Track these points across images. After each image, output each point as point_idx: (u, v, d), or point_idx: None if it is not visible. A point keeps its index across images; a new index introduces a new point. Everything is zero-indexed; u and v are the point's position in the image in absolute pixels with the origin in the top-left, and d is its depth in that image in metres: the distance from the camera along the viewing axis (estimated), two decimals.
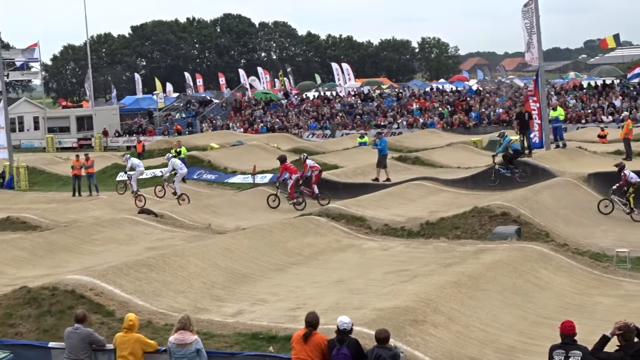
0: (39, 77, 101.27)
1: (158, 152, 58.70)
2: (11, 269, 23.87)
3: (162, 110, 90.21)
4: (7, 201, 44.97)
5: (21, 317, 17.98)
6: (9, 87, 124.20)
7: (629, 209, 29.58)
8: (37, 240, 26.84)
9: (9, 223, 32.87)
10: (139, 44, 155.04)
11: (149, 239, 28.20)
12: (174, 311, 18.03)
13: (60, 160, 59.90)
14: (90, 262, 23.94)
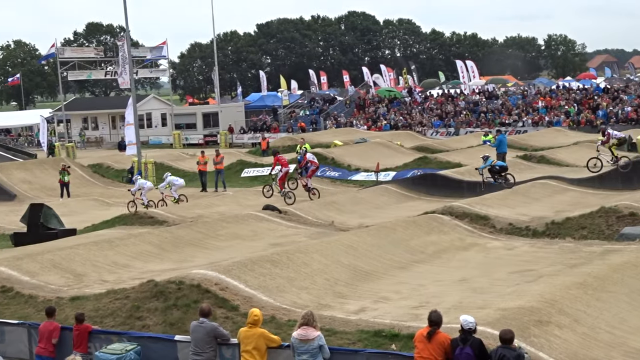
0: (167, 75, 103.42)
1: (282, 149, 59.20)
2: (139, 262, 24.40)
3: (286, 107, 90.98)
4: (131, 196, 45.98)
5: (148, 310, 18.36)
6: (138, 84, 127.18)
7: (613, 160, 34.61)
8: (164, 235, 27.37)
9: (137, 218, 33.63)
10: (264, 42, 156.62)
11: (273, 235, 28.45)
12: (297, 307, 18.14)
13: (186, 156, 60.93)
14: (215, 257, 24.29)
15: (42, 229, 31.01)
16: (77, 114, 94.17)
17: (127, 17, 52.74)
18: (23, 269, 22.20)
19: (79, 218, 36.61)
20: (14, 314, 19.29)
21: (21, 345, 17.45)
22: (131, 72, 57.78)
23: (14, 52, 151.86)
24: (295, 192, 36.85)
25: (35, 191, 48.26)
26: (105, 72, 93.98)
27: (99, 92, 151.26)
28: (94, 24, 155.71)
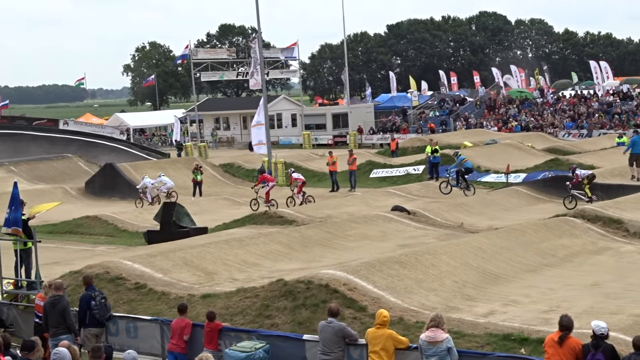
0: (297, 76, 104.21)
1: (412, 150, 59.08)
2: (268, 261, 24.67)
3: (416, 108, 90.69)
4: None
5: (277, 309, 18.55)
6: (269, 85, 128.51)
7: (587, 198, 34.37)
8: (293, 235, 27.61)
9: (267, 217, 33.98)
10: (395, 43, 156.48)
11: (401, 236, 28.41)
12: (426, 309, 18.06)
13: (315, 156, 61.30)
14: (343, 258, 24.39)
15: (174, 227, 31.69)
16: (209, 114, 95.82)
17: (259, 18, 53.43)
18: (156, 266, 22.71)
19: (210, 217, 37.23)
20: (147, 310, 19.75)
21: (154, 341, 17.84)
22: (262, 73, 58.53)
23: (149, 53, 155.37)
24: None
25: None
26: (237, 73, 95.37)
27: (231, 93, 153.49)
28: (227, 26, 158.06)
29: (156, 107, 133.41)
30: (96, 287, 18.34)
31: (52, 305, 16.92)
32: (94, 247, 33.08)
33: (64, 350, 11.88)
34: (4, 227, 20.41)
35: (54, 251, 30.54)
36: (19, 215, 20.22)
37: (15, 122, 75.69)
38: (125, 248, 31.46)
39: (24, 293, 20.38)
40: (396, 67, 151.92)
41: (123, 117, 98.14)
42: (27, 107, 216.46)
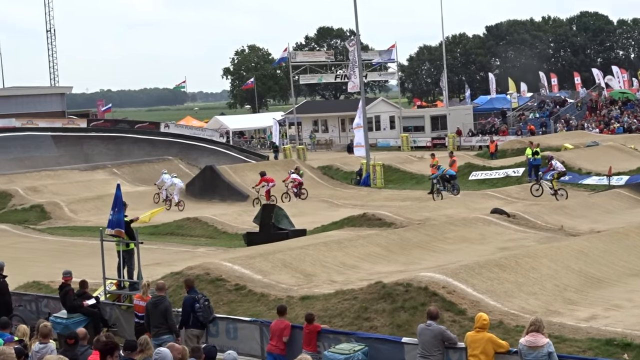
0: (396, 78, 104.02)
1: (511, 152, 58.47)
2: (367, 263, 24.67)
3: (515, 110, 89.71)
4: (364, 198, 46.57)
5: (376, 312, 18.53)
6: (367, 87, 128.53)
7: (553, 191, 38.01)
8: (391, 237, 27.57)
9: (365, 219, 34.00)
10: (493, 44, 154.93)
11: (500, 239, 28.15)
12: (526, 312, 17.86)
13: (414, 159, 61.14)
14: (442, 260, 24.27)
15: (273, 229, 31.88)
16: (307, 116, 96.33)
17: (358, 21, 53.53)
18: (255, 268, 22.90)
19: (309, 219, 37.38)
20: (247, 311, 19.93)
21: (253, 342, 18.00)
22: (361, 76, 58.59)
23: (248, 56, 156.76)
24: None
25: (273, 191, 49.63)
26: (335, 75, 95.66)
27: (329, 95, 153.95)
28: (325, 28, 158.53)
29: (255, 109, 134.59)
30: (198, 290, 18.59)
31: (154, 306, 17.20)
32: (195, 248, 33.51)
33: (165, 351, 12.06)
34: (107, 228, 20.80)
35: (156, 252, 31.04)
36: (122, 216, 20.59)
37: (118, 125, 77.27)
38: (225, 250, 31.78)
39: (126, 293, 20.76)
40: (495, 69, 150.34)
41: (223, 119, 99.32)
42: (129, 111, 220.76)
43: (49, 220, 44.21)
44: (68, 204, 46.71)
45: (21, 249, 35.37)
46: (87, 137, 71.37)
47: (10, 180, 53.13)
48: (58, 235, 39.44)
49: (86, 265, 26.39)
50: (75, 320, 19.23)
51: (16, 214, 45.85)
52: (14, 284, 23.04)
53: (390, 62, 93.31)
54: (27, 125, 71.79)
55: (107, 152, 69.05)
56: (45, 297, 22.00)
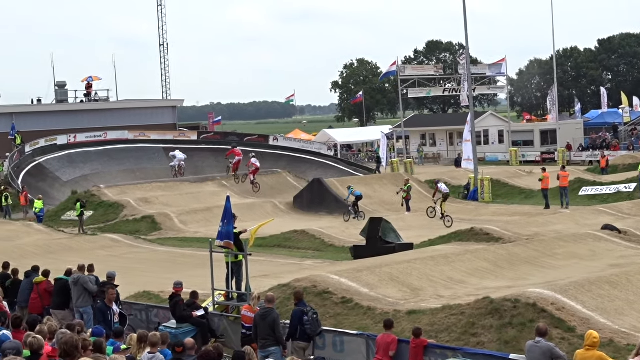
0: (505, 92, 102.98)
1: (622, 168, 57.35)
2: (474, 279, 24.44)
3: (627, 124, 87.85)
4: (471, 212, 46.23)
5: (483, 327, 18.35)
6: (475, 101, 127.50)
7: (441, 215, 40.27)
8: (499, 252, 27.27)
9: (473, 234, 33.75)
10: (605, 58, 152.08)
11: (611, 255, 27.57)
12: (637, 331, 17.46)
13: (523, 173, 60.43)
14: (551, 277, 23.88)
15: (380, 242, 31.86)
16: (415, 130, 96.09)
17: (467, 34, 53.23)
18: (362, 281, 22.89)
19: (416, 233, 37.26)
20: (353, 325, 19.93)
21: (359, 355, 17.96)
22: (470, 89, 58.22)
23: (357, 70, 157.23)
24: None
25: (375, 205, 49.63)
26: (443, 89, 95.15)
27: (437, 109, 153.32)
28: (434, 42, 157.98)
29: (363, 123, 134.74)
30: (307, 303, 18.67)
31: (262, 318, 17.33)
32: (302, 261, 33.68)
33: None
34: (216, 239, 21.04)
35: (264, 264, 31.29)
36: (231, 228, 20.81)
37: (228, 137, 78.31)
38: (331, 262, 31.88)
39: (235, 305, 20.97)
40: (607, 83, 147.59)
41: (331, 133, 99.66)
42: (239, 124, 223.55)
43: (159, 231, 45.00)
44: (178, 215, 47.48)
45: (132, 259, 36.07)
46: (197, 149, 72.56)
47: (123, 192, 54.26)
48: (168, 246, 40.11)
49: (195, 276, 26.74)
50: (184, 330, 19.50)
51: (128, 224, 46.80)
52: (125, 293, 23.49)
53: (499, 76, 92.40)
54: (139, 137, 73.45)
55: (217, 164, 69.97)
56: (155, 307, 22.36)
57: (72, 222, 48.23)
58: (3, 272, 22.53)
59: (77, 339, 11.65)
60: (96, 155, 70.01)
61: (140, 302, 23.80)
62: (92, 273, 21.59)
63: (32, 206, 50.87)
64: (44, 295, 21.36)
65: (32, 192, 54.77)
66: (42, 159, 66.63)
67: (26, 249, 38.21)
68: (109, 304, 18.98)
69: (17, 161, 63.44)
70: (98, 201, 52.08)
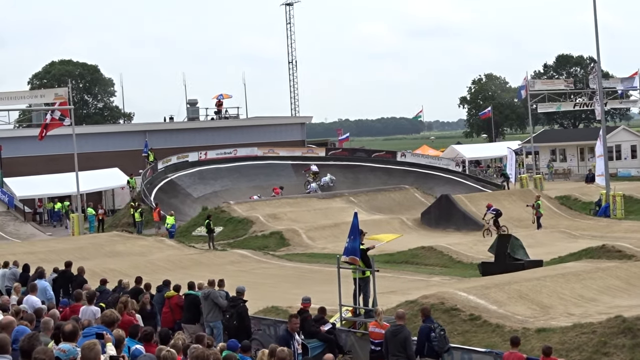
0: (638, 106, 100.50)
1: None
2: (606, 297, 23.92)
3: None
4: (603, 229, 45.30)
5: (615, 347, 17.94)
6: (607, 115, 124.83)
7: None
8: (632, 270, 26.64)
9: (604, 251, 33.07)
10: None
11: None
12: None
13: None
14: None
15: (509, 259, 31.46)
16: (545, 145, 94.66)
17: (599, 47, 52.27)
18: (491, 298, 22.66)
19: (545, 250, 36.69)
20: (481, 342, 19.74)
21: None
22: (601, 104, 57.13)
23: (485, 85, 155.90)
24: None
25: (503, 222, 49.01)
26: (574, 103, 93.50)
27: (568, 124, 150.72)
28: (564, 56, 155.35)
29: (491, 138, 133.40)
30: (434, 319, 18.58)
31: (393, 334, 17.30)
32: (429, 277, 33.52)
33: None
34: (343, 255, 21.13)
35: (390, 280, 31.25)
36: (357, 244, 20.86)
37: (356, 154, 78.72)
38: (459, 279, 31.64)
39: (362, 321, 21.00)
40: None
41: (459, 148, 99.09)
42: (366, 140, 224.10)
43: (287, 247, 45.43)
44: (306, 231, 47.85)
45: (261, 275, 36.49)
46: (325, 165, 73.09)
47: (252, 208, 54.99)
48: (296, 261, 40.44)
49: (323, 291, 26.90)
50: (312, 346, 19.63)
51: (256, 240, 47.39)
52: (254, 308, 23.77)
53: (632, 90, 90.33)
54: (268, 154, 74.42)
55: (345, 180, 70.48)
56: (284, 322, 22.56)
57: (203, 237, 49.12)
58: (136, 287, 23.07)
59: (208, 353, 11.86)
60: (226, 171, 71.26)
61: (269, 317, 24.04)
62: (222, 288, 21.97)
63: (165, 222, 52.05)
64: (175, 309, 21.81)
65: (164, 208, 56.12)
66: (174, 175, 68.18)
67: (158, 264, 39.07)
68: (291, 332, 17.93)
69: (150, 178, 65.02)
70: (228, 217, 52.89)
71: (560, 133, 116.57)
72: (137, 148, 72.46)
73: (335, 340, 20.23)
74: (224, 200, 58.71)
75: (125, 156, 71.67)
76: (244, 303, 20.91)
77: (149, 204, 59.25)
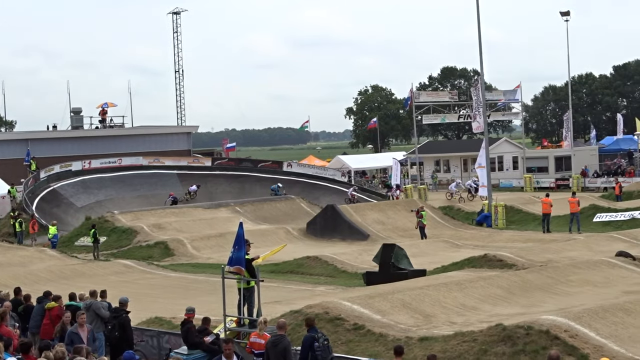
0: (520, 118, 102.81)
1: (637, 194, 57.24)
2: (487, 305, 24.35)
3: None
4: (485, 239, 46.13)
5: (496, 354, 18.27)
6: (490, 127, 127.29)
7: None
8: (513, 279, 27.17)
9: (486, 260, 33.68)
10: (621, 84, 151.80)
11: (625, 282, 27.44)
12: None
13: (537, 200, 60.32)
14: (564, 303, 23.77)
15: (393, 268, 31.79)
16: (429, 156, 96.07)
17: (482, 60, 53.30)
18: (374, 308, 22.83)
19: (428, 259, 37.19)
20: (365, 352, 19.86)
21: None
22: (484, 116, 58.21)
23: (371, 96, 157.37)
24: None
25: (388, 232, 49.62)
26: (458, 115, 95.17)
27: (452, 135, 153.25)
28: (449, 68, 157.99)
29: (377, 149, 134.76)
30: (318, 329, 18.61)
31: (273, 345, 17.26)
32: (314, 287, 33.61)
33: None
34: (227, 265, 21.03)
35: (276, 290, 31.23)
36: (242, 254, 20.76)
37: (242, 164, 78.61)
38: (344, 289, 31.80)
39: (246, 331, 20.92)
40: (622, 109, 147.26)
41: (345, 159, 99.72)
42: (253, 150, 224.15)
43: (172, 257, 45.02)
44: (191, 241, 47.51)
45: (145, 285, 36.06)
46: (211, 175, 72.85)
47: (136, 217, 54.32)
48: (181, 271, 40.07)
49: (207, 302, 26.73)
50: (195, 357, 19.46)
51: (141, 250, 46.84)
52: (137, 319, 23.49)
53: (514, 102, 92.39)
54: (154, 163, 73.68)
55: (230, 190, 70.27)
56: (167, 333, 22.32)
57: (86, 247, 48.33)
58: (15, 298, 22.54)
59: None
60: (110, 181, 70.25)
61: (152, 328, 23.76)
62: (104, 299, 21.62)
63: (46, 232, 51.00)
64: (56, 320, 21.36)
65: (47, 218, 54.96)
66: (57, 185, 66.85)
67: (39, 275, 38.24)
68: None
69: (32, 187, 63.65)
70: (111, 227, 52.13)
71: (444, 144, 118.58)
72: (19, 157, 70.85)
73: (219, 351, 20.09)
74: (107, 210, 57.84)
75: (5, 165, 70.11)
76: (126, 314, 20.63)
77: (30, 213, 57.97)
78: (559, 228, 47.43)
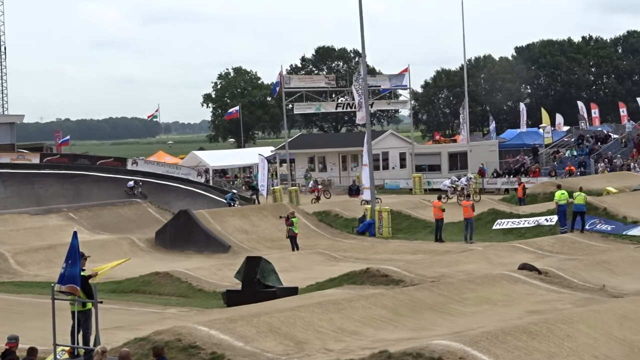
0: (408, 107, 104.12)
1: (543, 197, 58.37)
2: (370, 329, 24.54)
3: (549, 146, 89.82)
4: (367, 250, 46.49)
5: None
6: (373, 118, 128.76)
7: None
8: (399, 297, 27.44)
9: (368, 276, 33.92)
10: (524, 69, 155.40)
11: (530, 300, 28.07)
12: None
13: (428, 203, 61.05)
14: (460, 326, 24.16)
15: (258, 286, 31.83)
16: (302, 152, 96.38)
17: (364, 39, 53.67)
18: (236, 333, 22.77)
19: (301, 275, 37.33)
20: None
21: None
22: (367, 105, 58.63)
23: (233, 81, 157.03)
24: None
25: (253, 242, 49.61)
26: (336, 104, 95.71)
27: (329, 128, 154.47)
28: (325, 49, 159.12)
29: (240, 144, 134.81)
30: (167, 359, 18.47)
31: None
32: (164, 309, 33.41)
33: None
34: (57, 284, 20.68)
35: (117, 313, 30.95)
36: (77, 270, 20.47)
37: (77, 161, 77.41)
38: (200, 311, 31.72)
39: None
40: (526, 98, 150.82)
41: (201, 155, 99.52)
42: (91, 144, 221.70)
43: None
44: (14, 254, 46.62)
45: None
46: (39, 174, 71.49)
47: None
48: (1, 292, 39.31)
49: (34, 328, 26.35)
50: None
51: None
52: None
53: (401, 89, 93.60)
54: None
55: (64, 193, 69.13)
56: None
57: None
58: None
59: None
60: None
61: None
62: None
63: None
64: None
65: None
66: None
67: None
68: None
69: None
70: None
71: (320, 138, 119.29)
72: None
73: None
74: None
75: None
76: None
77: None
78: (454, 237, 48.15)
